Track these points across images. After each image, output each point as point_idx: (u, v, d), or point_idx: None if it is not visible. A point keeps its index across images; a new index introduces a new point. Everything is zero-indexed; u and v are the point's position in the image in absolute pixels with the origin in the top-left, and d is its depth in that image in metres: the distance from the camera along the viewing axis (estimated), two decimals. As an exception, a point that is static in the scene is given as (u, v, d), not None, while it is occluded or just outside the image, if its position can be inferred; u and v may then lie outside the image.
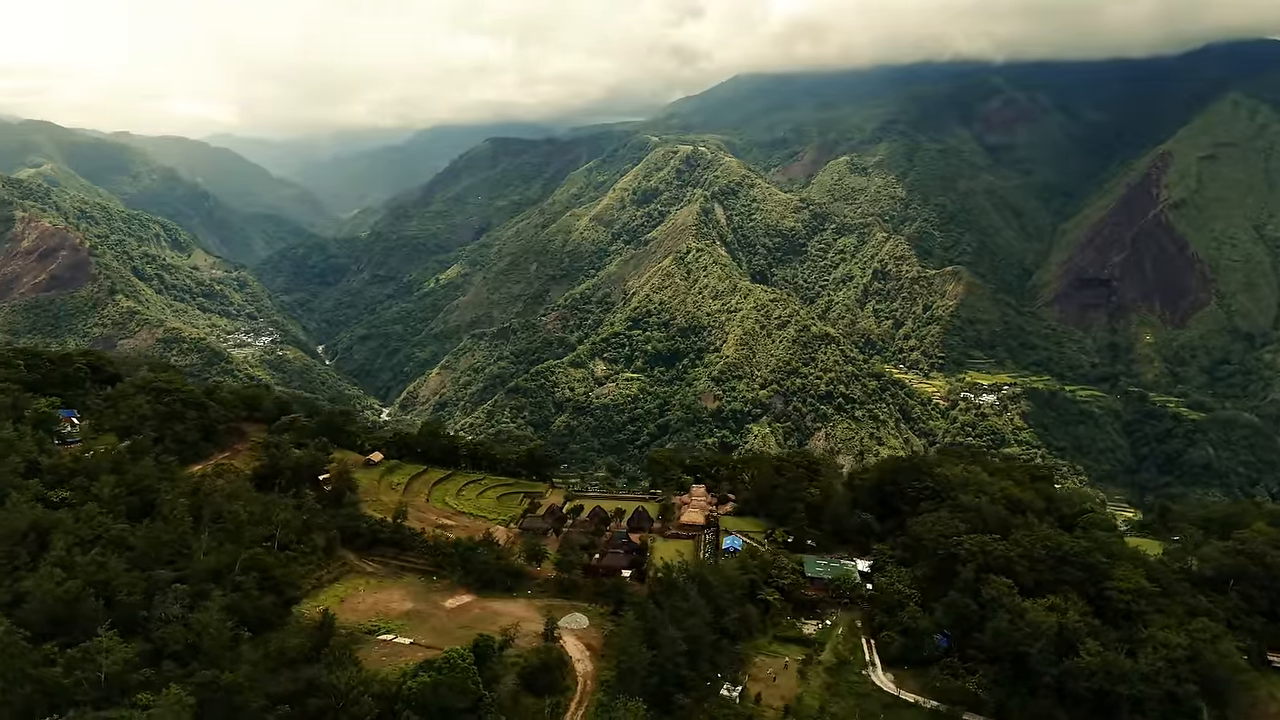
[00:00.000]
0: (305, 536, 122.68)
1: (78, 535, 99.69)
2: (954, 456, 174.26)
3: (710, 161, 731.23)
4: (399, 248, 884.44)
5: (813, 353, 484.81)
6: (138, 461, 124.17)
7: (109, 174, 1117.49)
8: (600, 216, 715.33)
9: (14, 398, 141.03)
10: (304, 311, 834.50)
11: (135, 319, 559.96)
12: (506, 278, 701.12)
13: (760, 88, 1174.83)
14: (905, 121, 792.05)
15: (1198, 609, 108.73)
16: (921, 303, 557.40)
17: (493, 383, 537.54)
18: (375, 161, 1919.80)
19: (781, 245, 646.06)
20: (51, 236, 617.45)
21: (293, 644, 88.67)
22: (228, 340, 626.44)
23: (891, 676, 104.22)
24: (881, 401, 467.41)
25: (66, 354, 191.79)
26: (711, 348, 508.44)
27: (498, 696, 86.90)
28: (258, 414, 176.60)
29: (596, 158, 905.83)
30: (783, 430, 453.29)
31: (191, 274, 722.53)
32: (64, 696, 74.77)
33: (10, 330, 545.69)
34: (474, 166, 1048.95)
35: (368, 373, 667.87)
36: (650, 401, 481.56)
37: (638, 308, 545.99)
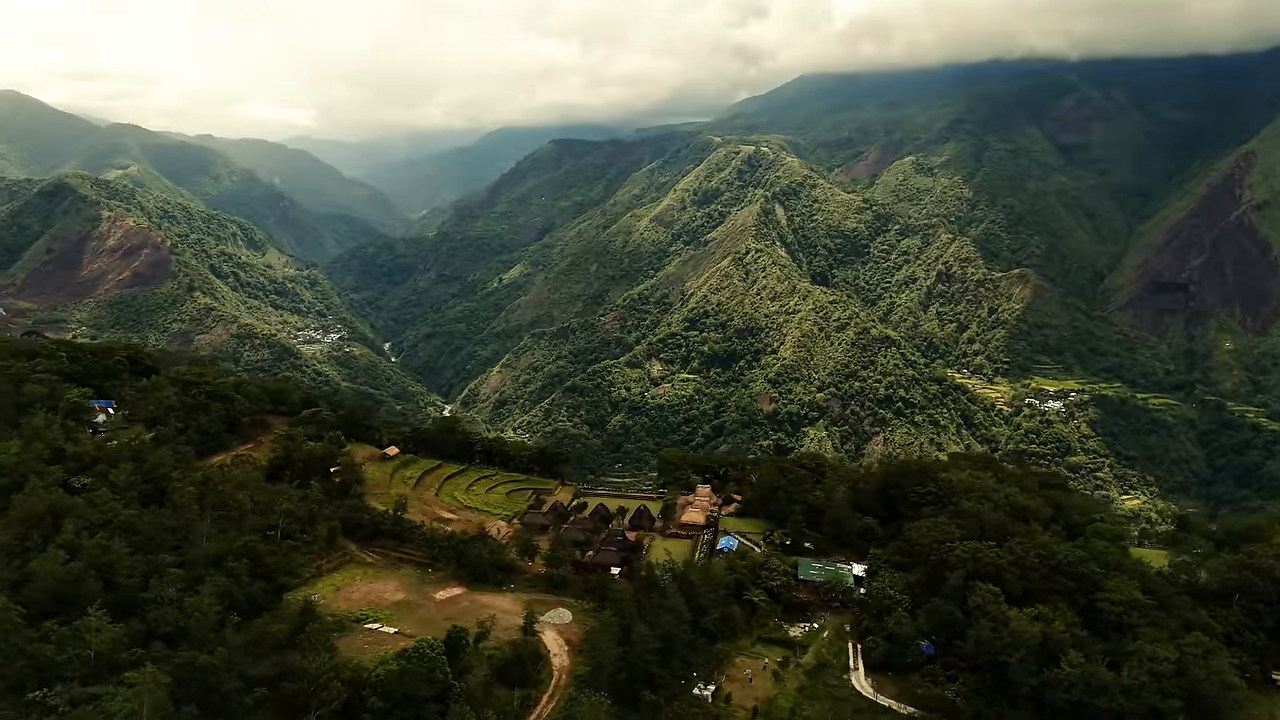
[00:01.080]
0: (309, 526, 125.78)
1: (88, 520, 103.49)
2: (964, 461, 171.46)
3: (772, 162, 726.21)
4: (464, 248, 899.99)
5: (872, 356, 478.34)
6: (156, 451, 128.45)
7: (191, 175, 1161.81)
8: (660, 217, 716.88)
9: (50, 387, 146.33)
10: (372, 309, 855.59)
11: (211, 315, 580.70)
12: (567, 278, 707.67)
13: (825, 87, 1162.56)
14: (973, 121, 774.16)
15: (1195, 623, 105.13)
16: (987, 306, 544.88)
17: (551, 381, 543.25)
18: (445, 163, 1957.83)
19: (843, 246, 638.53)
20: (135, 235, 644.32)
21: (273, 630, 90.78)
22: (298, 337, 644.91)
23: (872, 681, 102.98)
24: (942, 406, 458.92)
25: (108, 347, 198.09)
26: (769, 349, 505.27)
27: (467, 686, 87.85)
28: (283, 407, 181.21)
29: (659, 158, 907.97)
30: (840, 434, 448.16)
31: (265, 272, 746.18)
32: (54, 672, 77.82)
33: (95, 325, 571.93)
34: (538, 168, 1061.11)
35: (431, 370, 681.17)
36: (706, 403, 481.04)
37: (695, 308, 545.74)
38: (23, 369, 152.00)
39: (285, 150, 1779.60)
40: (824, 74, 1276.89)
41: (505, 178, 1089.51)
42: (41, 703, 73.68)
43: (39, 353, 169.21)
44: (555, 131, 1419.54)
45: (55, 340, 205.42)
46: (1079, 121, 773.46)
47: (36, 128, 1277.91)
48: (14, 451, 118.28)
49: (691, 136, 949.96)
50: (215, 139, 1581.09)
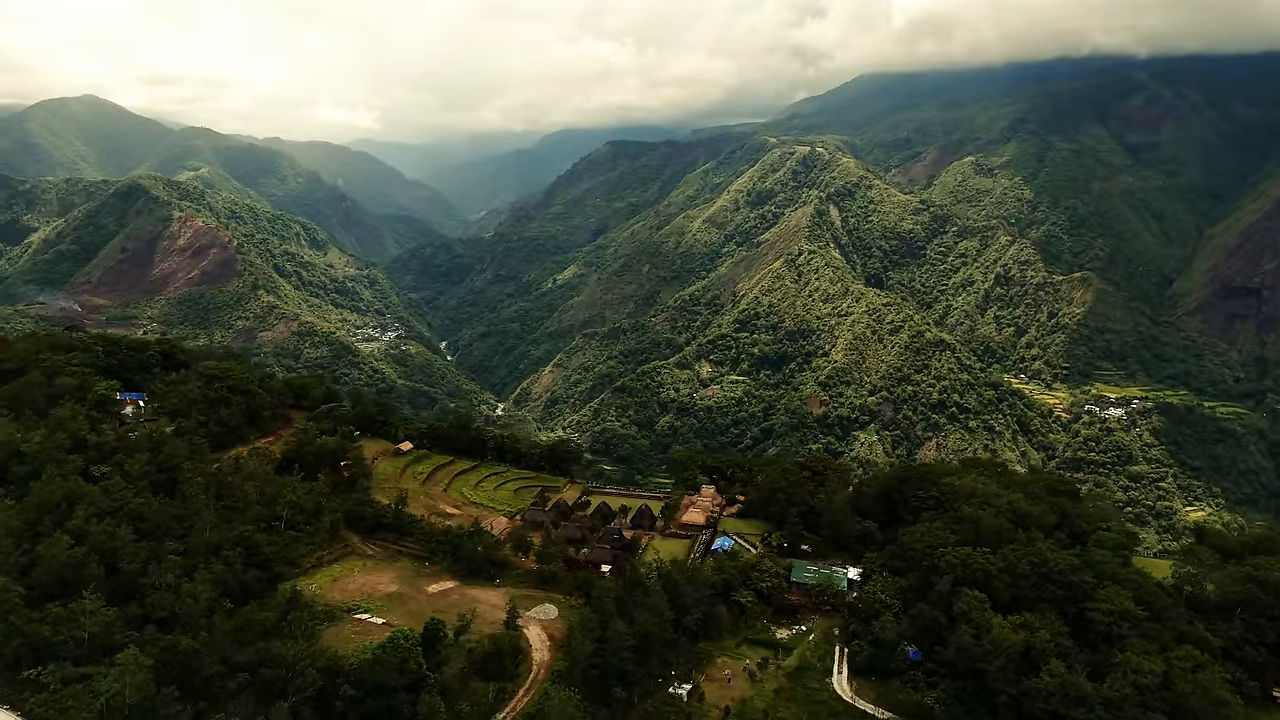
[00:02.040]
0: (314, 518, 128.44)
1: (100, 507, 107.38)
2: (973, 467, 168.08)
3: (828, 162, 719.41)
4: (520, 248, 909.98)
5: (926, 359, 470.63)
6: (171, 442, 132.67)
7: (259, 177, 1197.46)
8: (713, 218, 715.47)
9: (81, 379, 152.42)
10: (429, 309, 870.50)
11: (274, 313, 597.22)
12: (619, 279, 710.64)
13: (885, 87, 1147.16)
14: (1036, 120, 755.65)
15: (1189, 636, 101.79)
16: (1046, 310, 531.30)
17: (601, 382, 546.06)
18: (504, 164, 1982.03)
19: (899, 248, 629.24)
20: (204, 235, 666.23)
21: (259, 617, 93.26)
22: (357, 335, 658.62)
23: (855, 685, 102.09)
24: (998, 412, 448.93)
25: (143, 342, 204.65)
26: (820, 352, 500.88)
27: (442, 678, 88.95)
28: (305, 402, 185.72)
29: (714, 159, 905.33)
30: (891, 439, 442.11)
31: (327, 271, 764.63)
32: (49, 651, 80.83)
33: (165, 321, 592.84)
34: (594, 169, 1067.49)
35: (486, 369, 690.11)
36: (755, 405, 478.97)
37: (746, 310, 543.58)
38: (57, 361, 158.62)
39: (349, 152, 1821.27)
40: (883, 73, 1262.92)
41: (561, 179, 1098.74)
42: (35, 680, 76.36)
43: (76, 346, 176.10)
44: (612, 133, 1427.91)
45: (92, 335, 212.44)
46: (1147, 121, 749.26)
47: (115, 131, 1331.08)
48: (37, 440, 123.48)
49: (747, 137, 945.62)
50: (283, 141, 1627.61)
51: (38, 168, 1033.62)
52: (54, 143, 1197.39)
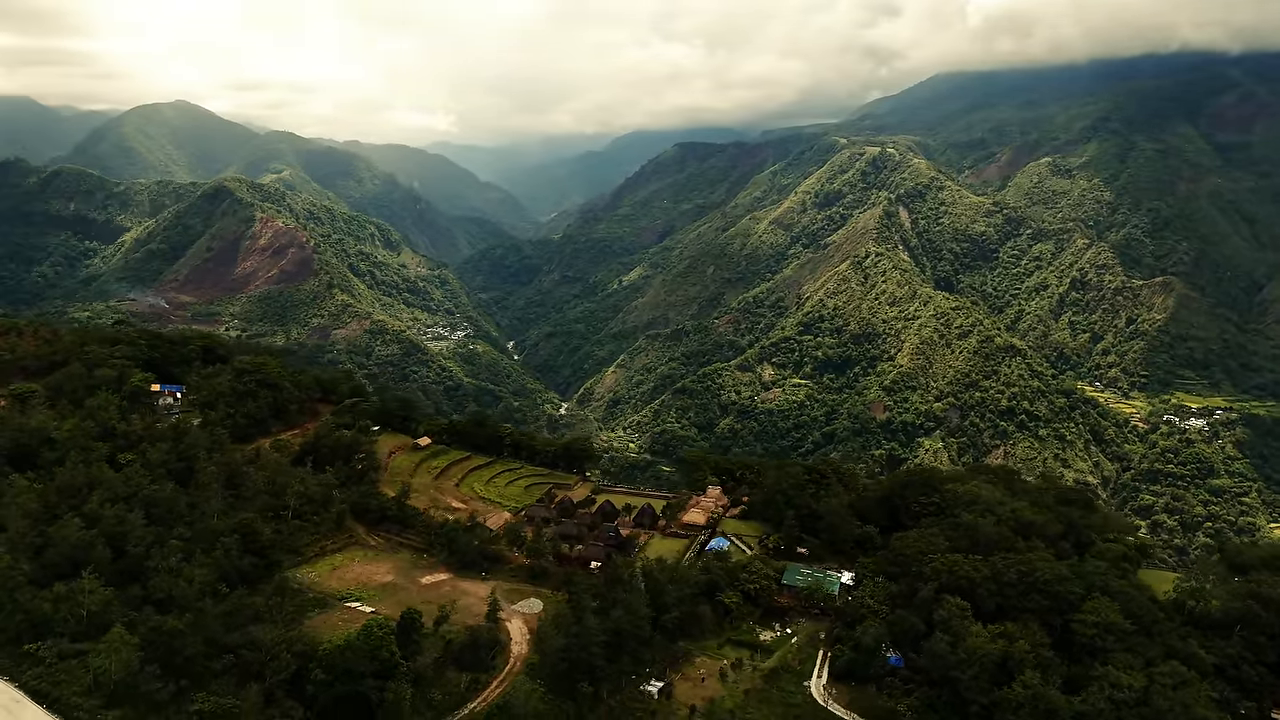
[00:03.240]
0: (323, 509, 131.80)
1: (116, 493, 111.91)
2: (983, 474, 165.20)
3: (898, 163, 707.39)
4: (587, 250, 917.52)
5: (995, 365, 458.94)
6: (191, 433, 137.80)
7: (338, 179, 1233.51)
8: (780, 220, 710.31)
9: (120, 371, 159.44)
10: (498, 309, 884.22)
11: (348, 311, 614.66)
12: (684, 280, 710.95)
13: (961, 86, 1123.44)
14: (1119, 119, 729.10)
15: (1178, 652, 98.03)
16: (1125, 315, 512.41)
17: (663, 383, 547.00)
18: (575, 166, 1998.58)
19: (970, 251, 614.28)
20: (283, 235, 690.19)
21: (249, 602, 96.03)
22: (426, 334, 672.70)
23: (833, 690, 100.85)
24: (1070, 421, 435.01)
25: (185, 337, 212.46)
26: (885, 356, 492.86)
27: (416, 666, 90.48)
28: (333, 397, 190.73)
29: (783, 160, 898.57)
30: (957, 446, 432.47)
31: (399, 271, 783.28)
32: (48, 628, 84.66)
33: (245, 318, 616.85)
34: (662, 171, 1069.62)
35: (551, 368, 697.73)
36: (817, 409, 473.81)
37: (810, 312, 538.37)
38: (100, 354, 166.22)
39: (425, 155, 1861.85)
40: (959, 72, 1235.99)
41: (629, 181, 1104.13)
42: (33, 654, 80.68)
43: (121, 340, 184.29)
44: (682, 135, 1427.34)
45: (138, 330, 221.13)
46: (1240, 120, 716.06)
47: (204, 135, 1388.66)
48: (67, 428, 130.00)
49: (817, 138, 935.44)
50: (361, 144, 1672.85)
51: (132, 170, 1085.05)
52: (148, 146, 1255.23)
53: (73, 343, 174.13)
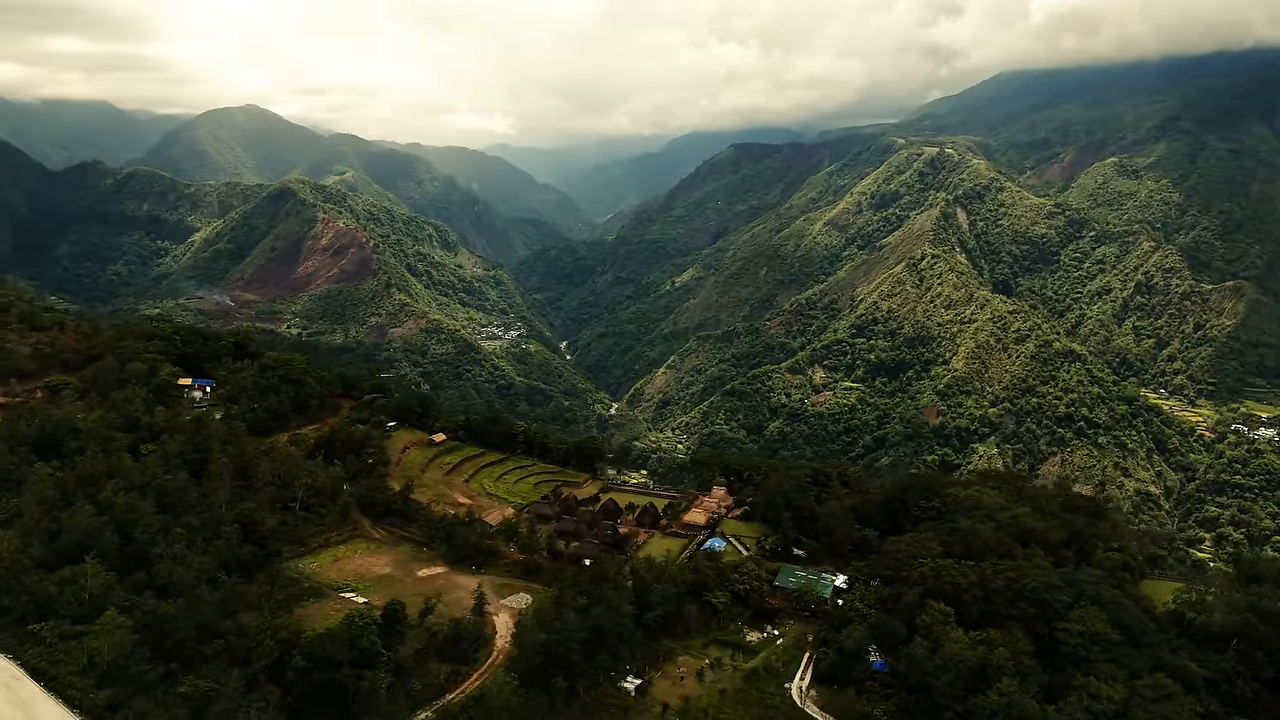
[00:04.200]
0: (331, 501, 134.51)
1: (131, 482, 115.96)
2: (991, 480, 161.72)
3: (957, 164, 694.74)
4: (640, 251, 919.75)
5: (1054, 370, 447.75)
6: (208, 426, 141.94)
7: (398, 180, 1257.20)
8: (835, 221, 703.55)
9: (150, 365, 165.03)
10: (552, 309, 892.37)
11: (405, 310, 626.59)
12: (736, 281, 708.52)
13: (1024, 85, 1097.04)
14: (1189, 118, 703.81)
15: (1166, 664, 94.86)
16: (1192, 321, 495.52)
17: (713, 384, 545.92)
18: (631, 168, 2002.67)
19: (1030, 253, 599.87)
20: (344, 236, 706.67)
21: (242, 590, 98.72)
22: (481, 333, 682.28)
23: (813, 692, 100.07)
24: (1131, 428, 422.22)
25: (217, 333, 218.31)
26: (939, 360, 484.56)
27: (397, 656, 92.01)
28: (355, 393, 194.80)
29: (839, 161, 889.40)
30: (1012, 452, 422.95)
31: (456, 271, 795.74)
32: (52, 609, 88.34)
33: (306, 316, 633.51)
34: (716, 172, 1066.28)
35: (602, 368, 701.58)
36: (868, 413, 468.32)
37: (863, 315, 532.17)
38: (133, 348, 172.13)
39: (484, 157, 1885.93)
40: (1022, 71, 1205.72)
41: (683, 182, 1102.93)
42: (36, 635, 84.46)
43: (157, 335, 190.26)
44: (738, 136, 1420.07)
45: (173, 325, 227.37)
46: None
47: (272, 138, 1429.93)
48: (92, 419, 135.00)
49: (874, 139, 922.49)
50: (422, 147, 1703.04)
51: (203, 172, 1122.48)
52: (218, 149, 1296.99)
53: (110, 338, 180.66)
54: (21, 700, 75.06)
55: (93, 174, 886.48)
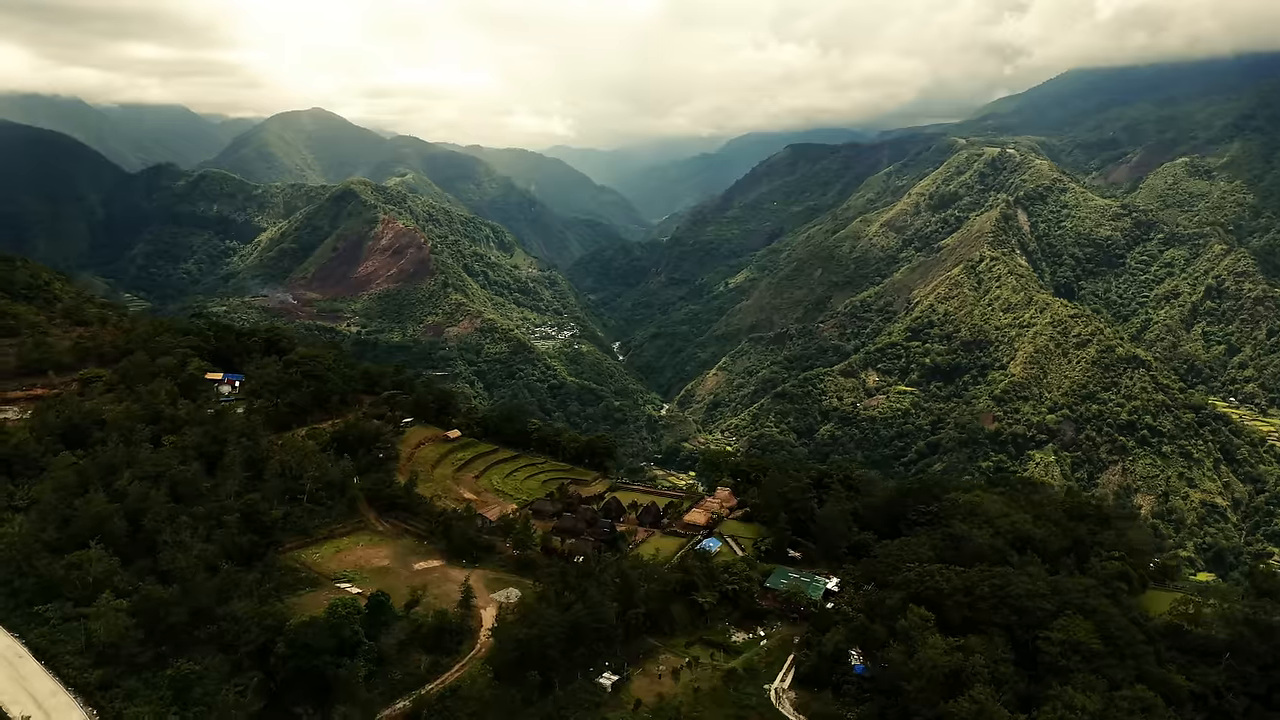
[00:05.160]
0: (340, 493, 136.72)
1: (145, 471, 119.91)
2: (996, 485, 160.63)
3: (1018, 164, 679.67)
4: (694, 252, 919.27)
5: (1116, 376, 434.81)
6: (224, 418, 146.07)
7: (458, 182, 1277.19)
8: (892, 222, 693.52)
9: (181, 360, 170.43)
10: (606, 310, 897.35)
11: (461, 310, 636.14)
12: (790, 283, 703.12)
13: (1092, 83, 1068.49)
14: (1265, 117, 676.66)
15: (1149, 676, 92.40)
16: (1266, 327, 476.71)
17: (764, 387, 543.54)
18: (689, 169, 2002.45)
19: (1094, 256, 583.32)
20: (403, 236, 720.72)
21: (238, 578, 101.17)
22: (534, 333, 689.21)
23: (791, 694, 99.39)
24: (1198, 438, 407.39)
25: (251, 330, 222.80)
26: (997, 364, 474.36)
27: (378, 645, 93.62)
28: (377, 389, 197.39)
29: (898, 162, 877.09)
30: (1070, 460, 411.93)
31: (511, 272, 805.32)
32: (57, 592, 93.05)
33: (366, 315, 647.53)
34: (772, 173, 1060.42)
35: (654, 369, 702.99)
36: (922, 417, 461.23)
37: (919, 318, 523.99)
38: (166, 343, 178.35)
39: (542, 158, 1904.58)
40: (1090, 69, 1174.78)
41: (740, 183, 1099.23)
42: (41, 615, 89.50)
43: (191, 331, 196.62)
44: (798, 136, 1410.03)
45: (208, 321, 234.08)
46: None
47: (337, 140, 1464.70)
48: (117, 411, 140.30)
49: (934, 139, 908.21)
50: (483, 149, 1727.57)
51: (270, 174, 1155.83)
52: (285, 151, 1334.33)
53: (145, 333, 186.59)
54: (21, 677, 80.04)
55: (166, 176, 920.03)
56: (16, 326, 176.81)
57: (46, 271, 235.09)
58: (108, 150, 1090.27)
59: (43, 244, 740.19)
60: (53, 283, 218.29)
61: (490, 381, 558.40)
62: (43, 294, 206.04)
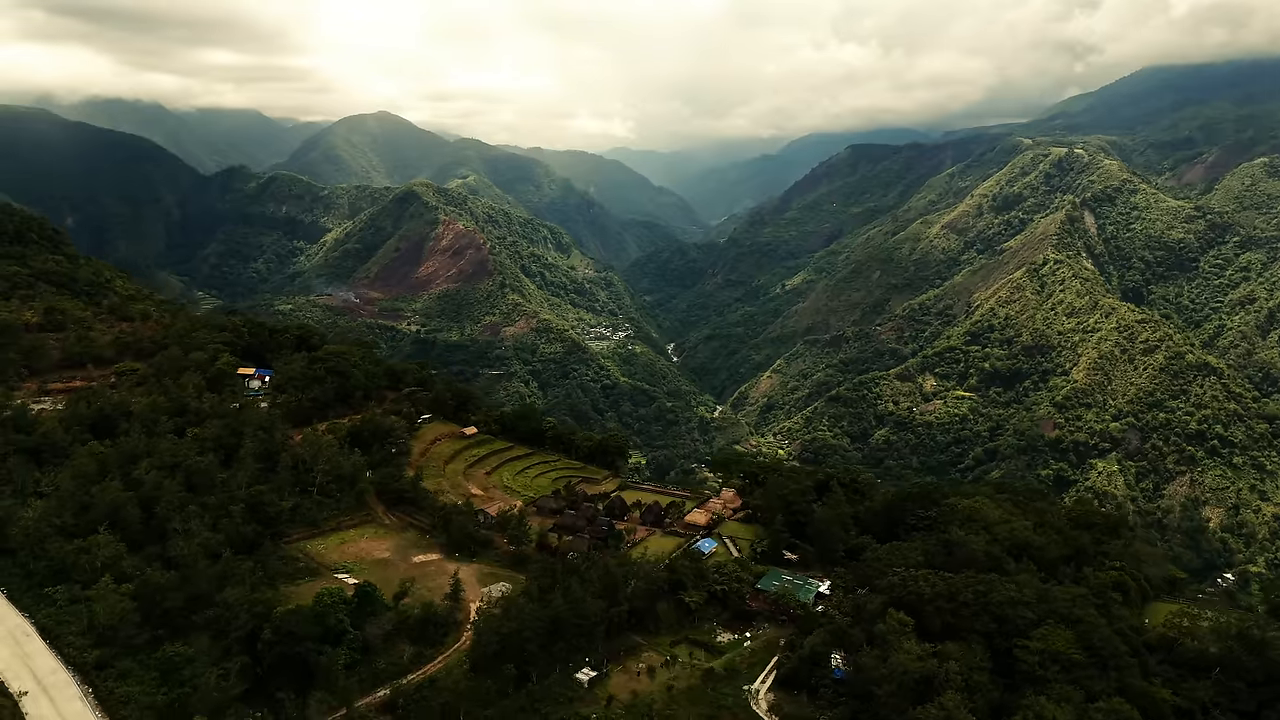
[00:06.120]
0: (350, 486, 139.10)
1: (163, 461, 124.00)
2: (1007, 492, 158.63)
3: (1086, 165, 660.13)
4: (751, 253, 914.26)
5: (1185, 384, 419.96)
6: (244, 412, 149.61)
7: (518, 184, 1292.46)
8: (953, 224, 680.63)
9: (211, 354, 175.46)
10: (661, 311, 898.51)
11: (517, 310, 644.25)
12: (848, 285, 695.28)
13: (1167, 81, 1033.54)
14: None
15: (1130, 689, 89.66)
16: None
17: (818, 390, 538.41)
18: (748, 170, 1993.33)
19: (1165, 259, 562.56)
20: (463, 237, 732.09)
21: (238, 566, 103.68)
22: (589, 334, 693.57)
23: (769, 695, 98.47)
24: (1272, 449, 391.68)
25: (285, 327, 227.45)
26: (1059, 370, 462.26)
27: (364, 634, 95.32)
28: (400, 385, 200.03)
29: (962, 162, 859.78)
30: (1135, 470, 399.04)
31: (568, 273, 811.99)
32: (68, 574, 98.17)
33: (426, 314, 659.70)
34: (833, 174, 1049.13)
35: (708, 371, 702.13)
36: (980, 423, 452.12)
37: (979, 321, 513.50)
38: (201, 338, 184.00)
39: (602, 160, 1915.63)
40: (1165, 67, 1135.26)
41: (799, 184, 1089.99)
42: (50, 596, 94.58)
43: (226, 327, 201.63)
44: (859, 137, 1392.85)
45: (242, 318, 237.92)
46: None
47: (401, 143, 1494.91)
48: (143, 403, 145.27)
49: (1000, 139, 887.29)
50: (543, 151, 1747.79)
51: (337, 176, 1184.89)
52: (352, 154, 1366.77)
53: (182, 329, 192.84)
54: (25, 654, 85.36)
55: (239, 178, 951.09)
56: (64, 321, 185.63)
57: (109, 269, 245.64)
58: (185, 153, 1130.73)
59: (123, 245, 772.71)
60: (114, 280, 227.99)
61: (544, 381, 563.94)
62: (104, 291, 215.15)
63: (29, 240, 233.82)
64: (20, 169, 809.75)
